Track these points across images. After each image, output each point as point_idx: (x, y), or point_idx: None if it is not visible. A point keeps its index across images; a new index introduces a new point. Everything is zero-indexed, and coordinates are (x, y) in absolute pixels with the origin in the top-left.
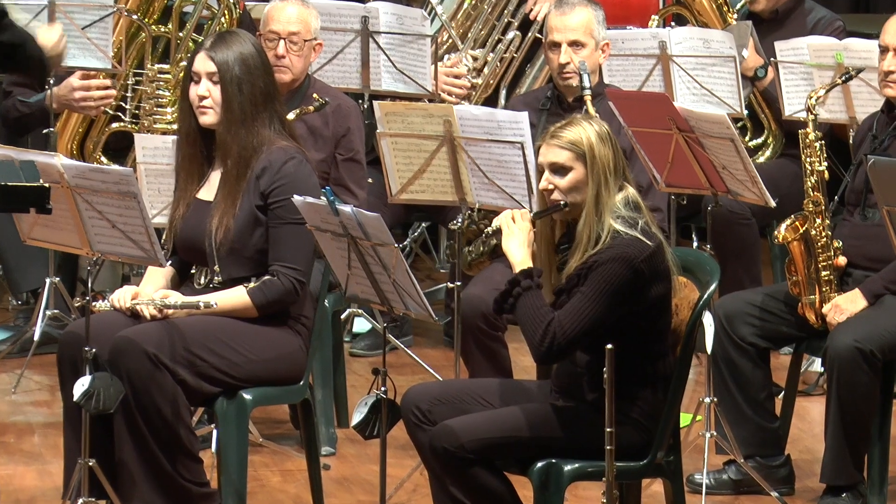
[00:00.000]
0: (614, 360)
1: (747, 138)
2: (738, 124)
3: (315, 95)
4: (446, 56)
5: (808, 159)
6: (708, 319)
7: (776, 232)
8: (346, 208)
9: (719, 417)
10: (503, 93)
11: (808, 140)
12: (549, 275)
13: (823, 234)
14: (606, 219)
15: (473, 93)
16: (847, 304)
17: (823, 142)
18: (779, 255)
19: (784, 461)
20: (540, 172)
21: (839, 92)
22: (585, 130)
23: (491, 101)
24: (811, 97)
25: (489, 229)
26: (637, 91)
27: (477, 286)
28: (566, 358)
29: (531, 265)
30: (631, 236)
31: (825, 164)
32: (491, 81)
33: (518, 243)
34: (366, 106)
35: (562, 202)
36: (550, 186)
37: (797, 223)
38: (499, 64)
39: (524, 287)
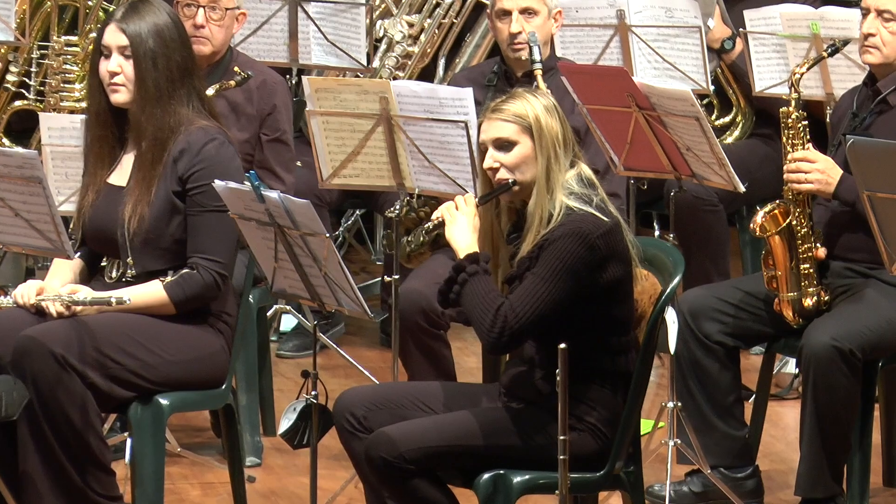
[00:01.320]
0: (567, 358)
1: (714, 117)
2: (704, 101)
3: (237, 69)
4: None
5: (789, 141)
6: (671, 316)
7: (753, 222)
8: (273, 194)
9: (683, 424)
10: (441, 62)
11: (789, 121)
12: (498, 267)
13: (805, 223)
14: (558, 195)
15: (408, 63)
16: (822, 164)
17: (806, 122)
18: (749, 243)
19: (752, 472)
20: (483, 152)
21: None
22: (530, 102)
23: (428, 72)
24: (795, 73)
25: (429, 224)
26: (593, 65)
27: (417, 280)
28: (520, 345)
29: (477, 249)
30: (585, 212)
31: (809, 146)
32: (428, 50)
33: (462, 228)
34: (294, 81)
35: (510, 180)
36: (496, 164)
37: (777, 213)
38: (437, 31)
39: (470, 272)
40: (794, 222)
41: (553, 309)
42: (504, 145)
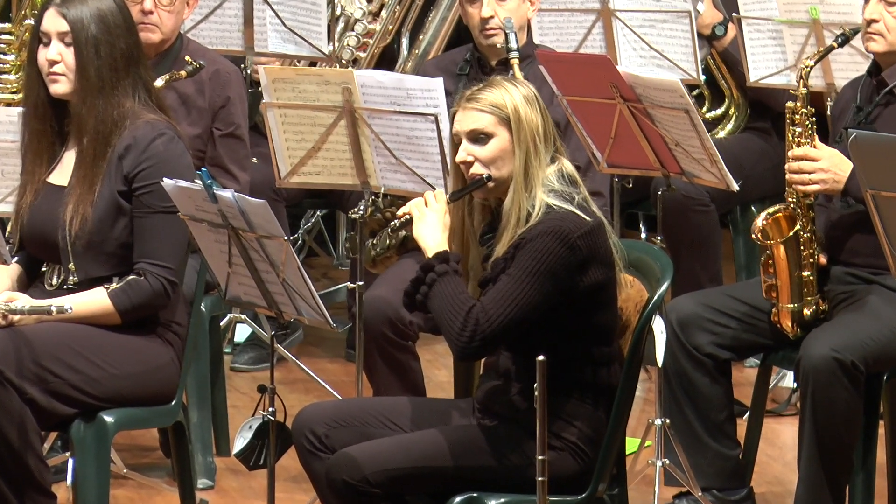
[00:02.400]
0: (546, 371)
1: (704, 109)
2: (694, 92)
3: (188, 58)
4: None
5: (795, 140)
6: (659, 325)
7: (753, 227)
8: (226, 194)
9: (672, 442)
10: (405, 39)
11: (796, 117)
12: (470, 269)
13: (808, 227)
14: (538, 193)
15: (370, 42)
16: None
17: (814, 119)
18: (743, 247)
19: (746, 494)
20: (456, 145)
21: (812, 54)
22: (509, 91)
23: (392, 52)
24: (805, 65)
25: (395, 221)
26: (573, 53)
27: (383, 286)
28: (492, 351)
29: (447, 248)
30: (566, 210)
31: (816, 145)
32: (390, 27)
33: (432, 226)
34: (249, 71)
35: (485, 175)
36: (470, 158)
37: (781, 217)
38: (398, 6)
39: (439, 272)
40: (799, 229)
41: (529, 313)
42: (479, 137)
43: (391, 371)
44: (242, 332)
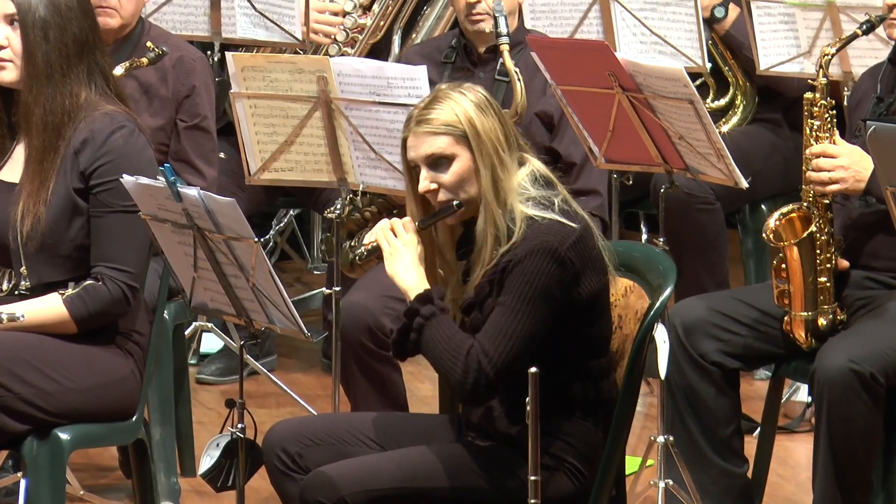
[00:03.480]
0: (538, 386)
1: (709, 99)
2: (697, 82)
3: (149, 44)
4: None
5: (813, 134)
6: (661, 334)
7: (766, 228)
8: (192, 192)
9: (675, 461)
10: (397, 38)
11: (815, 109)
12: (451, 290)
13: (825, 229)
14: (514, 205)
15: (359, 37)
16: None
17: (835, 111)
18: (752, 248)
19: None
20: (411, 170)
21: (828, 40)
22: (458, 103)
23: (381, 49)
24: (826, 52)
25: (362, 249)
26: (568, 39)
27: (361, 292)
28: (499, 392)
29: (428, 286)
30: (548, 220)
31: (836, 140)
32: (381, 23)
33: (405, 264)
34: (216, 59)
35: (454, 202)
36: (433, 186)
37: (796, 218)
38: (391, 2)
39: (425, 315)
40: (813, 228)
41: (530, 342)
42: (439, 162)
43: (370, 384)
44: (209, 343)
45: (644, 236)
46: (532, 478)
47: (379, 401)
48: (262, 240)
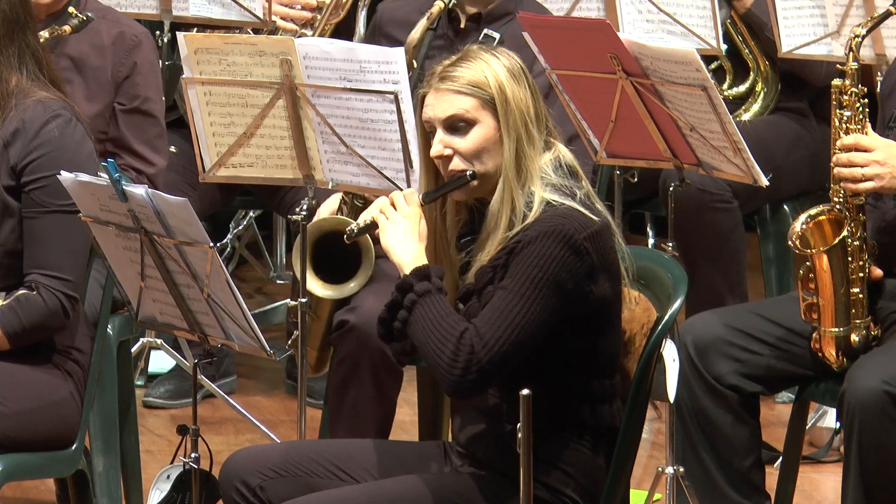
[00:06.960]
0: (530, 408)
1: (725, 85)
2: (713, 65)
3: (71, 10)
4: None
5: (842, 125)
6: (670, 352)
7: (791, 232)
8: (139, 190)
9: (686, 495)
10: (361, 17)
11: (844, 98)
12: (446, 283)
13: (857, 234)
14: (534, 187)
15: (318, 17)
16: (882, 151)
17: (866, 100)
18: (774, 255)
19: None
20: (425, 132)
21: (859, 19)
22: (490, 65)
23: (345, 30)
24: (856, 33)
25: (354, 226)
26: (565, 17)
27: (382, 298)
28: (493, 383)
29: (426, 262)
30: (569, 207)
31: (867, 131)
32: (343, 0)
33: (403, 235)
34: (166, 40)
35: (468, 173)
36: (448, 152)
37: (825, 221)
38: None
39: (419, 292)
40: (844, 232)
41: (533, 334)
42: (459, 126)
43: (367, 393)
44: (158, 361)
45: (651, 241)
46: None
47: (368, 414)
48: (218, 245)
